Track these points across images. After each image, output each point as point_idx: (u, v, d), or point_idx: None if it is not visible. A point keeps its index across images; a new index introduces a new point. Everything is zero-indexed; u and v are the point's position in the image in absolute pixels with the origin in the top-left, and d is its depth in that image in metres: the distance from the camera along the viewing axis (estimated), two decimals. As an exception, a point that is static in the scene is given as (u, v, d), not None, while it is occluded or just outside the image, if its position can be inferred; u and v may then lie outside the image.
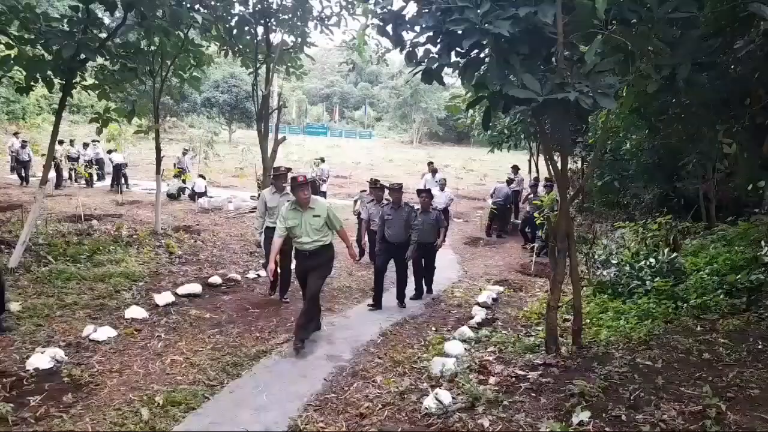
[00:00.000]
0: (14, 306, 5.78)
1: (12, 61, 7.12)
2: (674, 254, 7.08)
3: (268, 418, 4.06)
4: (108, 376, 4.58)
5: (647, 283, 6.43)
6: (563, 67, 3.93)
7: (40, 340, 5.13)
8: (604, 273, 7.38)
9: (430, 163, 15.66)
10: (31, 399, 4.07)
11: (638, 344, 4.94)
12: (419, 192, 7.79)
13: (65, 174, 16.77)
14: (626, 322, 5.65)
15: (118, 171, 16.41)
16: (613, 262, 7.42)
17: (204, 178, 15.77)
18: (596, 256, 7.95)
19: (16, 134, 18.43)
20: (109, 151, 16.93)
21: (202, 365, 4.83)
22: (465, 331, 5.91)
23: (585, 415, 3.56)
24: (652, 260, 6.92)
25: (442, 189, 11.67)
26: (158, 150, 10.48)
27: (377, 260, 7.12)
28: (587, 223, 13.08)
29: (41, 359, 4.63)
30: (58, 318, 5.74)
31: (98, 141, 17.53)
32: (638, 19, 4.02)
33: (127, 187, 16.36)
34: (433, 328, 6.31)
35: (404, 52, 4.42)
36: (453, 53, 4.17)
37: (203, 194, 14.97)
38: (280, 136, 10.85)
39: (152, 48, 9.18)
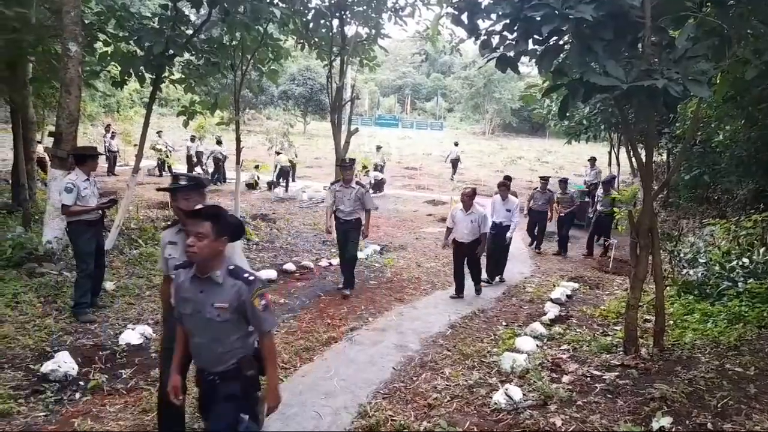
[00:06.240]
0: (109, 285, 6.26)
1: (109, 57, 7.69)
2: (771, 254, 6.54)
3: (338, 402, 4.16)
4: (190, 353, 4.86)
5: (739, 284, 6.01)
6: (650, 53, 3.71)
7: (131, 318, 5.54)
8: (691, 272, 6.95)
9: (507, 179, 9.04)
10: (122, 372, 4.40)
11: (727, 349, 4.62)
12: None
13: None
14: (714, 325, 5.30)
15: (218, 163, 16.81)
16: (701, 261, 6.96)
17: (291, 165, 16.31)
18: (682, 255, 7.50)
19: (108, 127, 19.20)
20: (192, 139, 17.24)
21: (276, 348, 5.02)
22: (537, 327, 5.77)
23: (666, 421, 3.38)
24: (745, 260, 6.44)
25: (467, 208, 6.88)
26: (238, 141, 10.91)
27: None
28: (672, 219, 12.38)
29: (132, 335, 5.00)
30: (147, 297, 6.15)
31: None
32: (735, 0, 3.72)
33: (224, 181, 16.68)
34: (504, 323, 6.21)
35: (479, 40, 4.34)
36: (530, 40, 4.05)
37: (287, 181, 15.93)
38: (352, 127, 11.02)
39: (234, 43, 9.58)
